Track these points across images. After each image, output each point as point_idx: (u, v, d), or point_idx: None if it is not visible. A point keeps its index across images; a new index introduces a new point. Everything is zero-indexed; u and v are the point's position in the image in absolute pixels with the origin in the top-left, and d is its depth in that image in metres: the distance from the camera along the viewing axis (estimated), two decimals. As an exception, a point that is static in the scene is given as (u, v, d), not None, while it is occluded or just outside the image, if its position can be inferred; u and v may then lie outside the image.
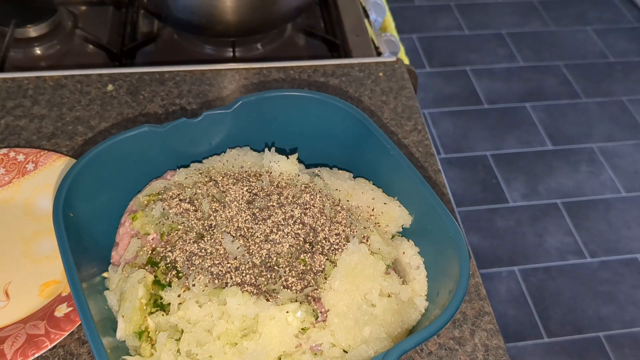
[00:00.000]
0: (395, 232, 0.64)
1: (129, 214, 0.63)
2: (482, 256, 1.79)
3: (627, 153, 2.11)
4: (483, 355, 0.61)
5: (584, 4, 2.74)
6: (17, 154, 0.74)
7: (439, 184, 0.76)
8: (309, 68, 0.90)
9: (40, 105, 0.82)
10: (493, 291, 1.71)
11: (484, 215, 1.90)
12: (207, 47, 1.00)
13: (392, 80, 0.90)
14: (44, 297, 0.63)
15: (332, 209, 0.62)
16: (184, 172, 0.66)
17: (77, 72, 0.87)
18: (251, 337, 0.53)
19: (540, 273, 1.76)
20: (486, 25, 2.60)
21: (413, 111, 0.85)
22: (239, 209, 0.61)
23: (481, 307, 0.65)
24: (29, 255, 0.66)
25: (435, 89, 2.30)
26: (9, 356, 0.56)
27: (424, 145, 0.81)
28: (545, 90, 2.32)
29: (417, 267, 0.61)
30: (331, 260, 0.58)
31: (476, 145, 2.10)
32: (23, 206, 0.71)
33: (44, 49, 0.98)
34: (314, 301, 0.55)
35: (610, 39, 2.56)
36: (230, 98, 0.85)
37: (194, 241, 0.58)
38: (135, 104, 0.83)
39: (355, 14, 1.05)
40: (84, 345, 0.60)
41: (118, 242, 0.61)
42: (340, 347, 0.54)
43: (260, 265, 0.57)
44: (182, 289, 0.55)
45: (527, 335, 1.63)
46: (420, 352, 0.61)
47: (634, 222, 1.91)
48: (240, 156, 0.69)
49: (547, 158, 2.08)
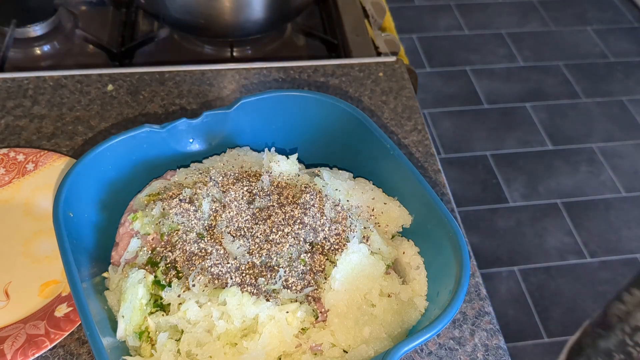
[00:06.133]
0: (395, 232, 0.64)
1: (129, 214, 0.63)
2: (482, 256, 1.79)
3: (627, 153, 2.11)
4: (483, 355, 0.61)
5: (584, 4, 2.74)
6: (17, 154, 0.74)
7: (439, 184, 0.76)
8: (309, 68, 0.90)
9: (40, 105, 0.82)
10: (493, 291, 1.71)
11: (484, 215, 1.90)
12: (206, 47, 1.00)
13: (392, 80, 0.90)
14: (44, 297, 0.63)
15: (332, 209, 0.62)
16: (184, 172, 0.66)
17: (77, 72, 0.87)
18: (251, 337, 0.53)
19: (540, 273, 1.76)
20: (486, 25, 2.60)
21: (413, 111, 0.85)
22: (239, 209, 0.61)
23: (481, 307, 0.65)
24: (29, 255, 0.66)
25: (435, 89, 2.30)
26: (9, 356, 0.56)
27: (424, 145, 0.81)
28: (545, 90, 2.32)
29: (417, 267, 0.61)
30: (331, 260, 0.58)
31: (476, 145, 2.10)
32: (23, 206, 0.70)
33: (44, 49, 0.98)
34: (314, 301, 0.55)
35: (610, 39, 2.56)
36: (230, 98, 0.85)
37: (194, 241, 0.58)
38: (135, 104, 0.83)
39: (355, 14, 1.05)
40: (84, 345, 0.60)
41: (118, 242, 0.61)
42: (340, 347, 0.54)
43: (260, 265, 0.57)
44: (182, 289, 0.55)
45: (527, 335, 1.63)
46: (420, 352, 0.61)
47: (634, 222, 1.91)
48: (240, 156, 0.69)
49: (547, 158, 2.08)
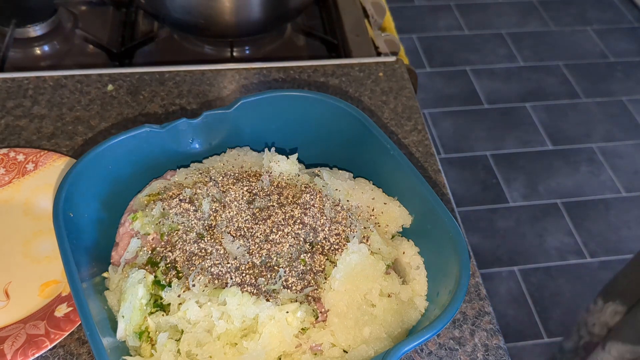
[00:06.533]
0: (395, 232, 0.64)
1: (129, 214, 0.63)
2: (482, 256, 1.79)
3: (627, 153, 2.11)
4: (483, 355, 0.61)
5: (584, 4, 2.75)
6: (17, 154, 0.74)
7: (439, 184, 0.76)
8: (309, 68, 0.90)
9: (40, 105, 0.82)
10: (493, 291, 1.71)
11: (484, 215, 1.90)
12: (206, 47, 1.00)
13: (392, 80, 0.90)
14: (44, 297, 0.63)
15: (332, 209, 0.62)
16: (184, 172, 0.66)
17: (77, 72, 0.87)
18: (251, 337, 0.53)
19: (540, 273, 1.76)
20: (486, 25, 2.60)
21: (413, 111, 0.85)
22: (239, 209, 0.61)
23: (481, 307, 0.65)
24: (29, 255, 0.66)
25: (435, 89, 2.30)
26: (9, 356, 0.56)
27: (424, 145, 0.81)
28: (545, 90, 2.32)
29: (417, 267, 0.61)
30: (331, 260, 0.58)
31: (476, 145, 2.10)
32: (23, 206, 0.70)
33: (44, 49, 0.98)
34: (314, 301, 0.55)
35: (610, 39, 2.56)
36: (230, 98, 0.85)
37: (194, 241, 0.58)
38: (135, 104, 0.83)
39: (355, 14, 1.05)
40: (84, 345, 0.60)
41: (118, 242, 0.61)
42: (340, 347, 0.54)
43: (260, 265, 0.57)
44: (182, 289, 0.55)
45: (527, 335, 1.63)
46: (420, 352, 0.61)
47: (634, 222, 1.91)
48: (240, 156, 0.69)
49: (547, 158, 2.08)
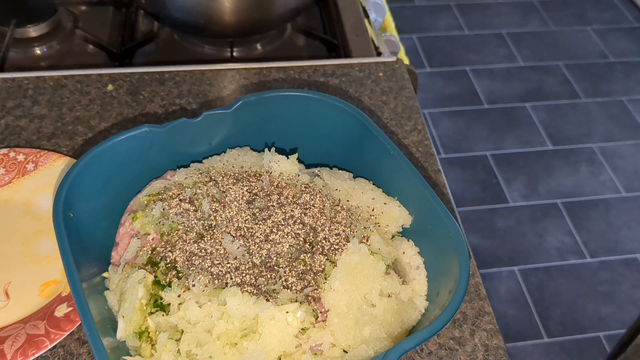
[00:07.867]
0: (395, 232, 0.64)
1: (129, 214, 0.63)
2: (482, 256, 1.79)
3: (627, 153, 2.11)
4: (483, 355, 0.61)
5: (584, 4, 2.75)
6: (17, 154, 0.74)
7: (439, 184, 0.76)
8: (309, 68, 0.90)
9: (40, 105, 0.82)
10: (493, 291, 1.71)
11: (484, 215, 1.90)
12: (206, 47, 1.00)
13: (392, 80, 0.90)
14: (44, 297, 0.63)
15: (332, 209, 0.62)
16: (184, 172, 0.66)
17: (77, 72, 0.87)
18: (251, 337, 0.53)
19: (540, 273, 1.76)
20: (486, 25, 2.60)
21: (413, 111, 0.85)
22: (239, 209, 0.61)
23: (481, 307, 0.65)
24: (29, 255, 0.66)
25: (435, 89, 2.30)
26: (9, 356, 0.56)
27: (424, 145, 0.81)
28: (545, 90, 2.32)
29: (417, 267, 0.61)
30: (331, 260, 0.58)
31: (476, 145, 2.10)
32: (23, 206, 0.70)
33: (44, 49, 0.98)
34: (314, 301, 0.55)
35: (610, 39, 2.56)
36: (230, 98, 0.85)
37: (194, 241, 0.58)
38: (135, 104, 0.83)
39: (355, 14, 1.05)
40: (84, 345, 0.60)
41: (118, 242, 0.61)
42: (340, 347, 0.54)
43: (260, 265, 0.57)
44: (182, 289, 0.55)
45: (527, 335, 1.63)
46: (420, 352, 0.61)
47: (634, 222, 1.91)
48: (240, 156, 0.69)
49: (547, 158, 2.08)
